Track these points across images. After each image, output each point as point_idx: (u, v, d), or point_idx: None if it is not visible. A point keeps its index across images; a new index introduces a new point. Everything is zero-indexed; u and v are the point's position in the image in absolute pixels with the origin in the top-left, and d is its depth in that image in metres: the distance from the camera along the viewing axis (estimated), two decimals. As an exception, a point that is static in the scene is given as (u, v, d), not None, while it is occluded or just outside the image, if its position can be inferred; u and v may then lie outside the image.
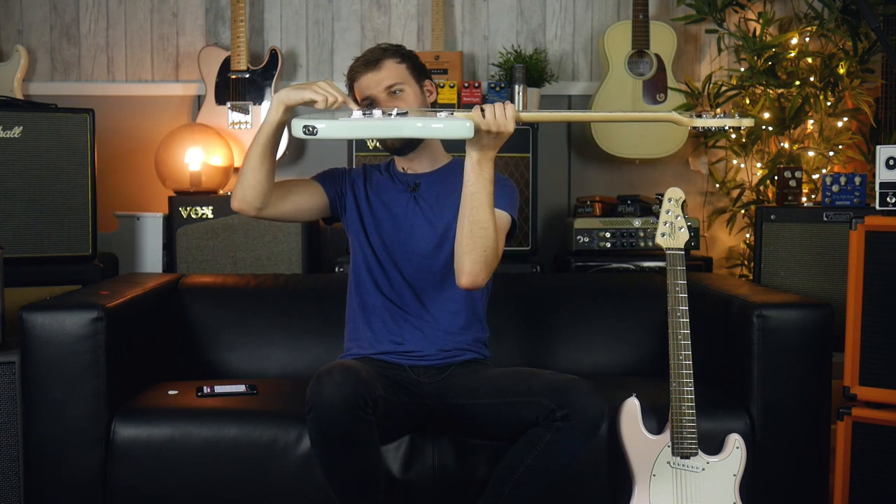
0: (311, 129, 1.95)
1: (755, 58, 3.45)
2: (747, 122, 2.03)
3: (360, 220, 2.35)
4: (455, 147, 2.52)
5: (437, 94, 2.39)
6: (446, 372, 2.27)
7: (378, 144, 3.03)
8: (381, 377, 2.16)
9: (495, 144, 2.04)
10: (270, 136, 2.14)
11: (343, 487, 2.05)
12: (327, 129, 1.96)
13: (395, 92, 2.28)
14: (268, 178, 2.18)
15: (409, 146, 2.32)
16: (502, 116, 1.99)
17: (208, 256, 3.33)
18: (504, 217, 2.23)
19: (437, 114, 2.02)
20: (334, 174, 2.40)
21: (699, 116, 2.02)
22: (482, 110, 1.99)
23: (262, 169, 2.17)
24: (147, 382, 2.52)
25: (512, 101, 3.49)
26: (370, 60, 2.30)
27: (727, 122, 2.02)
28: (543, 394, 2.04)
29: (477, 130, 1.98)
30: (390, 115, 2.01)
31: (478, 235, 2.10)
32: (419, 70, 2.35)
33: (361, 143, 3.32)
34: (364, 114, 2.01)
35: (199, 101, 3.75)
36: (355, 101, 2.32)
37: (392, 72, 2.29)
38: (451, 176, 2.31)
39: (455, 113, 2.01)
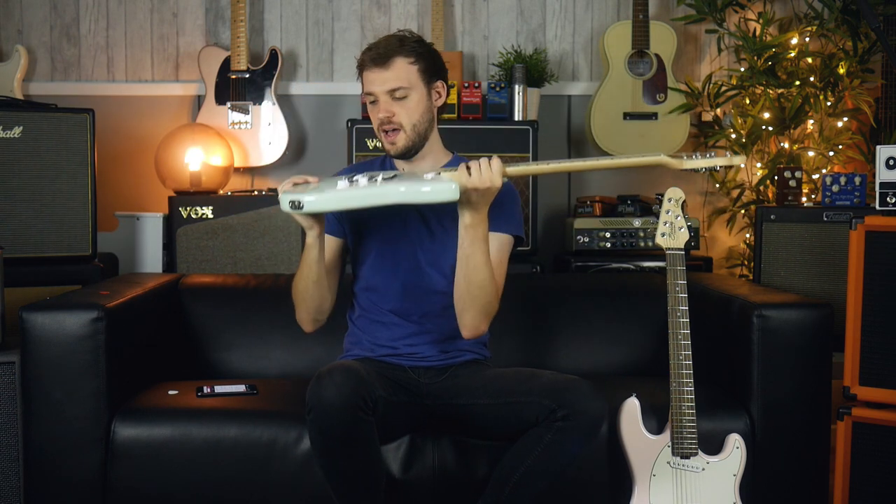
0: (297, 203, 1.99)
1: (755, 58, 3.46)
2: (738, 161, 2.08)
3: (356, 227, 2.31)
4: (457, 144, 2.50)
5: (448, 96, 2.32)
6: (447, 373, 2.27)
7: (378, 145, 3.02)
8: (381, 377, 2.16)
9: (486, 201, 2.03)
10: (317, 257, 2.17)
11: (343, 488, 2.05)
12: (314, 202, 1.99)
13: (397, 96, 2.19)
14: (327, 288, 2.24)
15: (412, 151, 2.25)
16: (488, 172, 1.98)
17: (208, 256, 3.33)
18: (507, 242, 2.24)
19: (424, 175, 2.02)
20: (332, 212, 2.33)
21: (690, 158, 2.04)
22: (468, 168, 1.98)
23: (321, 287, 2.21)
24: (147, 382, 2.52)
25: (512, 100, 3.49)
26: (380, 55, 2.18)
27: (717, 162, 2.05)
28: (544, 394, 2.04)
29: (464, 189, 1.98)
30: (375, 181, 2.02)
31: (476, 295, 2.11)
32: (432, 71, 2.24)
33: (361, 143, 3.32)
34: (351, 181, 2.02)
35: (199, 101, 3.75)
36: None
37: (399, 73, 2.18)
38: None
39: (442, 173, 2.02)
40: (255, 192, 3.49)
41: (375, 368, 2.19)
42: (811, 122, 3.53)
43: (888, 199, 2.31)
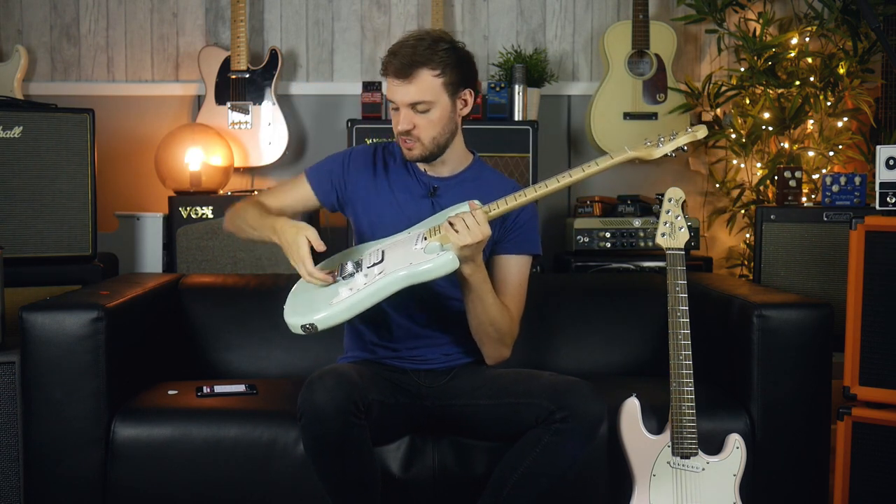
0: (309, 326, 2.02)
1: (755, 58, 3.46)
2: (701, 133, 2.12)
3: (363, 228, 2.28)
4: (476, 143, 2.47)
5: (475, 101, 2.24)
6: (449, 375, 2.27)
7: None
8: (380, 378, 2.15)
9: (480, 249, 2.05)
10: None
11: (338, 492, 2.05)
12: (325, 319, 2.02)
13: (419, 109, 2.13)
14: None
15: (429, 159, 2.22)
16: (475, 225, 1.99)
17: (208, 256, 3.33)
18: (527, 262, 2.27)
19: (414, 245, 2.04)
20: (330, 179, 2.30)
21: (654, 144, 2.11)
22: (451, 225, 1.99)
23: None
24: (147, 382, 2.52)
25: (512, 100, 3.49)
26: (404, 66, 2.09)
27: (683, 140, 2.12)
28: (543, 395, 2.04)
29: (459, 248, 1.99)
30: (371, 267, 2.05)
31: (490, 331, 2.17)
32: (458, 82, 2.16)
33: (361, 143, 3.31)
34: (343, 277, 2.06)
35: (199, 101, 3.75)
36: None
37: (422, 87, 2.10)
38: (469, 183, 2.26)
39: (428, 238, 2.03)
40: (255, 193, 3.49)
41: (374, 370, 2.19)
42: (811, 122, 3.53)
43: (888, 199, 2.31)
